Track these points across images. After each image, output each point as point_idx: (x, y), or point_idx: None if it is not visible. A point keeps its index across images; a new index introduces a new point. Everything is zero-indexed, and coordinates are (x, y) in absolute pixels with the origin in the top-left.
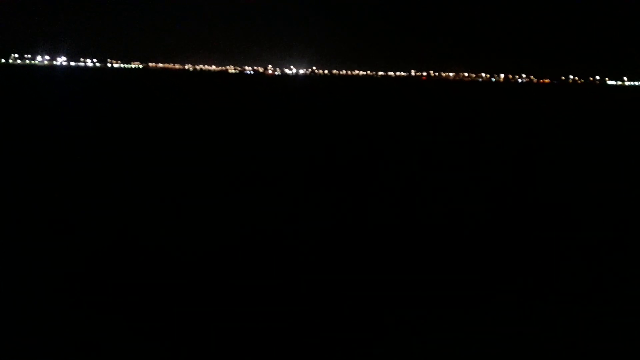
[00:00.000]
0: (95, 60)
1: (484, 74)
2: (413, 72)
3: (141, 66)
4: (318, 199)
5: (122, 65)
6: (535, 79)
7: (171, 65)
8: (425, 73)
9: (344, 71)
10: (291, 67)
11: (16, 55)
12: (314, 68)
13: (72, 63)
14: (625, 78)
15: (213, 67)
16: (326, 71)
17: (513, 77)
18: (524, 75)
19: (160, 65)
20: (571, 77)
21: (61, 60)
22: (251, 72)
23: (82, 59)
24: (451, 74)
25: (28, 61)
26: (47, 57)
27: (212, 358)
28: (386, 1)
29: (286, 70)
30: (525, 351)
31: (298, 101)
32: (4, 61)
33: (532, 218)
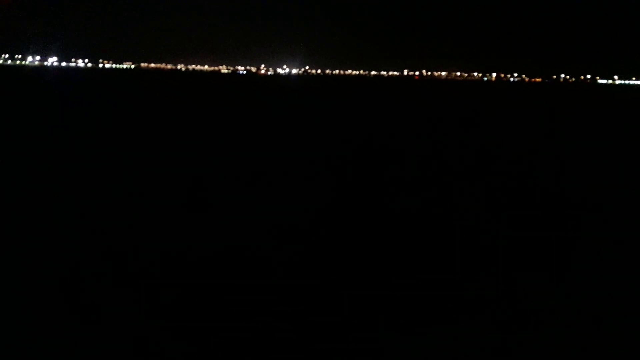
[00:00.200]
0: (86, 60)
1: (476, 73)
2: (406, 72)
3: (133, 66)
4: (315, 199)
5: (114, 65)
6: (527, 78)
7: (163, 65)
8: (417, 72)
9: (337, 71)
10: (284, 67)
11: (6, 55)
12: (307, 68)
13: (64, 63)
14: (615, 77)
15: (205, 67)
16: (319, 71)
17: (505, 76)
18: (516, 74)
19: (152, 65)
20: (562, 76)
21: (52, 60)
22: (244, 72)
23: (74, 60)
24: (443, 74)
25: (19, 62)
26: (38, 58)
27: (212, 358)
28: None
29: (279, 70)
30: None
31: (294, 101)
32: None
33: (529, 217)
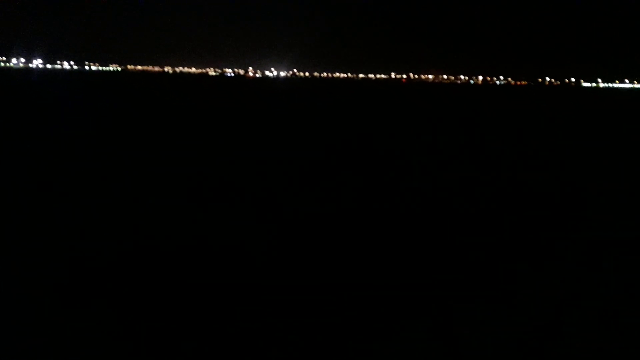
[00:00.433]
0: (72, 62)
1: (463, 77)
2: (393, 75)
3: (119, 69)
4: (305, 201)
5: (100, 67)
6: (513, 81)
7: (150, 67)
8: (405, 76)
9: (325, 73)
10: (272, 70)
11: None
12: (295, 70)
13: (49, 66)
14: (599, 80)
15: (193, 70)
16: (307, 73)
17: (491, 79)
18: (502, 77)
19: (139, 67)
20: (548, 79)
21: (37, 63)
22: (232, 75)
23: (59, 62)
24: (430, 77)
25: (3, 64)
26: (23, 60)
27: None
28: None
29: (267, 72)
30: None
31: (284, 104)
32: None
33: (519, 217)
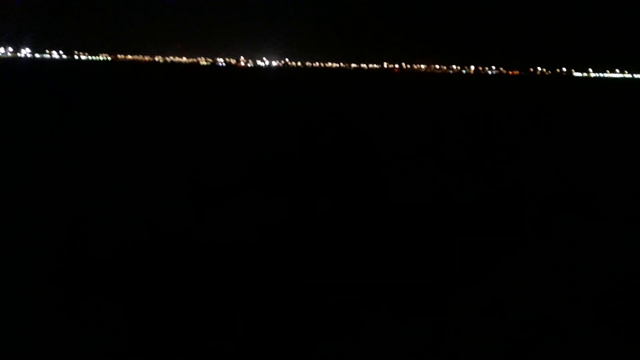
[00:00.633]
0: (61, 52)
1: (455, 66)
2: (386, 65)
3: (109, 58)
4: (299, 194)
5: (90, 57)
6: (505, 71)
7: (140, 57)
8: (397, 65)
9: (317, 63)
10: (264, 59)
11: None
12: (287, 60)
13: (37, 55)
14: (590, 70)
15: (184, 59)
16: (299, 63)
17: (483, 69)
18: (494, 67)
19: (129, 57)
20: (539, 69)
21: (25, 52)
22: (223, 65)
23: (48, 51)
24: (423, 67)
25: None
26: (10, 49)
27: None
28: None
29: (259, 62)
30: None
31: (278, 94)
32: None
33: (512, 207)
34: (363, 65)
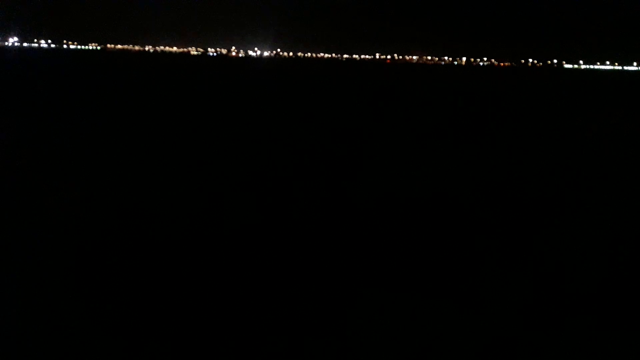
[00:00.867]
0: (50, 41)
1: (447, 58)
2: (377, 56)
3: (99, 47)
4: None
5: (79, 46)
6: (496, 62)
7: (130, 46)
8: (389, 57)
9: (309, 54)
10: (255, 49)
11: None
12: (279, 50)
13: (25, 44)
14: (581, 62)
15: (174, 49)
16: (291, 53)
17: (475, 61)
18: (485, 58)
19: (119, 46)
20: (530, 61)
21: (13, 41)
22: (214, 55)
23: (36, 40)
24: (414, 58)
25: None
26: None
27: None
28: None
29: (250, 52)
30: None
31: (270, 85)
32: None
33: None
34: (355, 56)
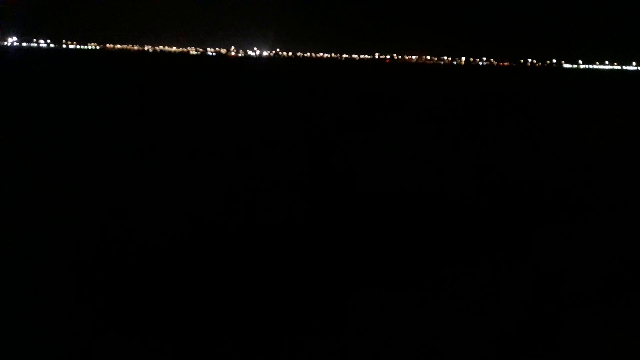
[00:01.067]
0: (49, 41)
1: (446, 57)
2: (377, 55)
3: (98, 47)
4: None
5: (78, 46)
6: (495, 62)
7: (129, 46)
8: (388, 56)
9: (308, 54)
10: (254, 49)
11: None
12: (278, 50)
13: (24, 44)
14: (580, 62)
15: (174, 49)
16: (290, 53)
17: (474, 60)
18: (485, 58)
19: (118, 46)
20: (530, 60)
21: (12, 40)
22: (213, 54)
23: (35, 40)
24: (414, 57)
25: None
26: None
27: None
28: None
29: (249, 52)
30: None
31: (270, 86)
32: None
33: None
34: (354, 56)
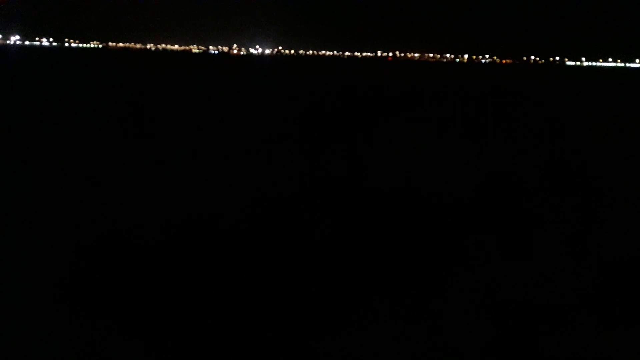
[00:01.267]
0: (51, 39)
1: (448, 55)
2: (379, 53)
3: (101, 46)
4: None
5: (81, 45)
6: (497, 60)
7: (132, 44)
8: (391, 54)
9: (311, 52)
10: (257, 47)
11: None
12: (280, 48)
13: (27, 42)
14: (583, 59)
15: (176, 47)
16: (292, 51)
17: (477, 58)
18: (487, 55)
19: (120, 44)
20: (532, 58)
21: (15, 39)
22: (216, 52)
23: (38, 39)
24: (416, 55)
25: None
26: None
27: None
28: None
29: (252, 50)
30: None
31: (272, 83)
32: None
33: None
34: (357, 53)
